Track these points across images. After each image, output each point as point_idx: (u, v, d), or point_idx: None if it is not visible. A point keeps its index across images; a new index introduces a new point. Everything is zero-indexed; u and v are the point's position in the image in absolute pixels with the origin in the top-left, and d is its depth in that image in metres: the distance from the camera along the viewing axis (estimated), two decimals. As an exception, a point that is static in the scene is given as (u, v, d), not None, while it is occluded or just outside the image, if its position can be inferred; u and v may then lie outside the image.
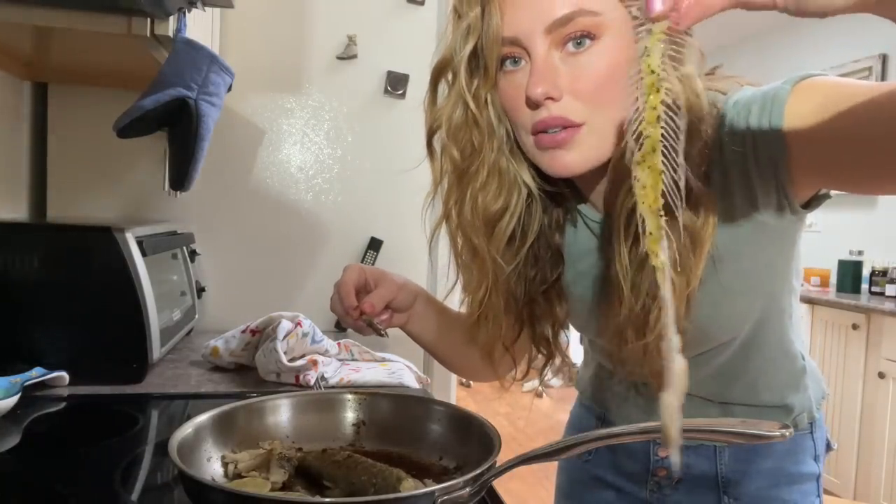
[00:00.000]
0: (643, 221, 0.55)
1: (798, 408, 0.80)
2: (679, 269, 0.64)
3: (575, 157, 0.66)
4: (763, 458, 0.81)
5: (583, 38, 0.63)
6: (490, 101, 0.71)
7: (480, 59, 0.68)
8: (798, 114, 0.60)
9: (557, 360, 0.84)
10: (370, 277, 0.84)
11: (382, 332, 0.82)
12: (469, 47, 0.68)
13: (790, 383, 0.81)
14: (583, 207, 0.76)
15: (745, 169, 0.64)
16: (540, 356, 0.85)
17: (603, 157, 0.67)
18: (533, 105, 0.66)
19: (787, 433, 0.48)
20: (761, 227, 0.67)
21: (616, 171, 0.67)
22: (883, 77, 3.56)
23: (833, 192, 0.66)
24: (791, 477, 0.82)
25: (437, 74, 0.73)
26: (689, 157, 0.61)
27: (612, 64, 0.63)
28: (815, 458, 0.84)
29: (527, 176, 0.74)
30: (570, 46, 0.64)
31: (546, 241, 0.77)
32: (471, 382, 4.64)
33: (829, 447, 0.86)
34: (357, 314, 0.79)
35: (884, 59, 3.57)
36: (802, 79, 0.61)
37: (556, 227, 0.78)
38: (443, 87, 0.73)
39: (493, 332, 0.79)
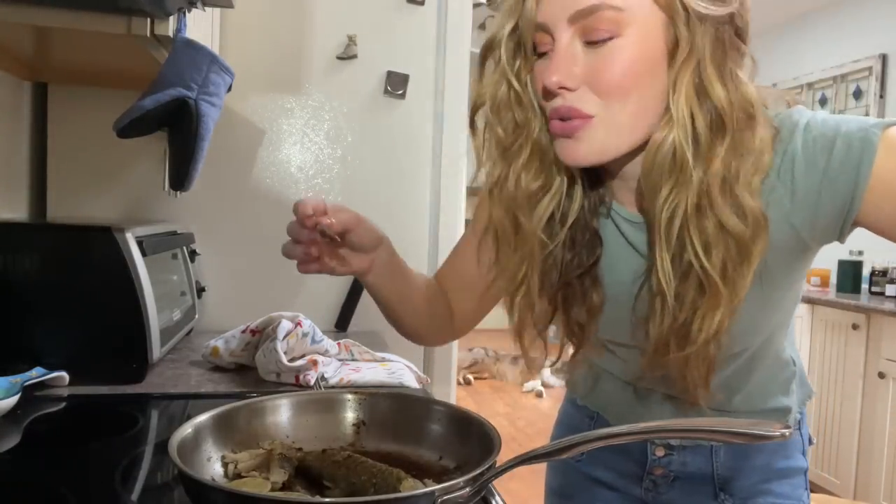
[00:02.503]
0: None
1: (788, 410, 0.83)
2: (726, 281, 0.64)
3: (584, 149, 0.66)
4: (756, 454, 0.83)
5: (605, 33, 0.63)
6: (531, 82, 0.71)
7: (521, 40, 0.69)
8: (887, 168, 0.60)
9: (586, 350, 0.81)
10: (330, 207, 0.76)
11: (336, 238, 0.73)
12: (509, 27, 0.69)
13: (783, 389, 0.83)
14: (616, 206, 0.75)
15: (814, 202, 0.64)
16: (570, 344, 0.82)
17: (614, 152, 0.67)
18: (548, 95, 0.66)
19: (787, 433, 0.49)
20: (804, 249, 0.69)
21: (650, 178, 0.66)
22: (883, 77, 3.56)
23: None
24: (782, 472, 0.85)
25: (486, 52, 0.73)
26: (741, 168, 0.62)
27: (632, 59, 0.63)
28: (803, 453, 0.87)
29: None
30: (594, 38, 0.64)
31: (585, 224, 0.76)
32: (471, 380, 4.64)
33: (810, 441, 0.90)
34: (312, 224, 0.72)
35: (884, 59, 3.56)
36: (889, 125, 0.61)
37: (594, 210, 0.77)
38: (490, 66, 0.73)
39: (524, 313, 0.78)
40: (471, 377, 4.71)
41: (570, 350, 0.81)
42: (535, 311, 0.77)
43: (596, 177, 0.75)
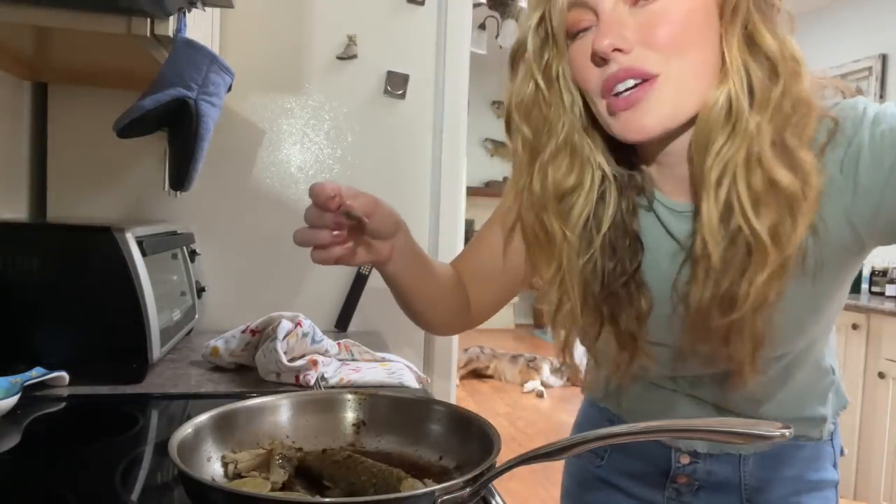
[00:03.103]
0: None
1: (824, 419, 0.80)
2: (776, 241, 0.61)
3: (652, 118, 0.62)
4: (787, 465, 0.80)
5: None
6: (561, 75, 0.68)
7: (549, 29, 0.66)
8: None
9: (639, 358, 0.75)
10: (346, 189, 0.67)
11: (363, 220, 0.66)
12: (536, 17, 0.67)
13: (820, 398, 0.80)
14: (660, 195, 0.72)
15: (877, 200, 0.61)
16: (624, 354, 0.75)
17: (684, 114, 0.63)
18: (601, 61, 0.62)
19: (787, 433, 0.48)
20: (860, 248, 0.66)
21: (701, 136, 0.63)
22: (883, 77, 3.56)
23: None
24: (812, 484, 0.81)
25: (515, 56, 0.71)
26: (792, 119, 0.60)
27: (687, 11, 0.60)
28: (834, 465, 0.83)
29: (601, 157, 0.70)
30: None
31: (623, 228, 0.72)
32: (485, 369, 4.63)
33: (841, 452, 0.86)
34: (336, 205, 0.64)
35: (884, 59, 3.57)
36: None
37: (632, 212, 0.72)
38: (521, 67, 0.71)
39: (568, 329, 0.74)
40: (489, 364, 4.68)
41: (623, 360, 0.75)
42: (579, 326, 0.73)
43: (631, 171, 0.71)
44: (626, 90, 0.62)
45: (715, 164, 0.61)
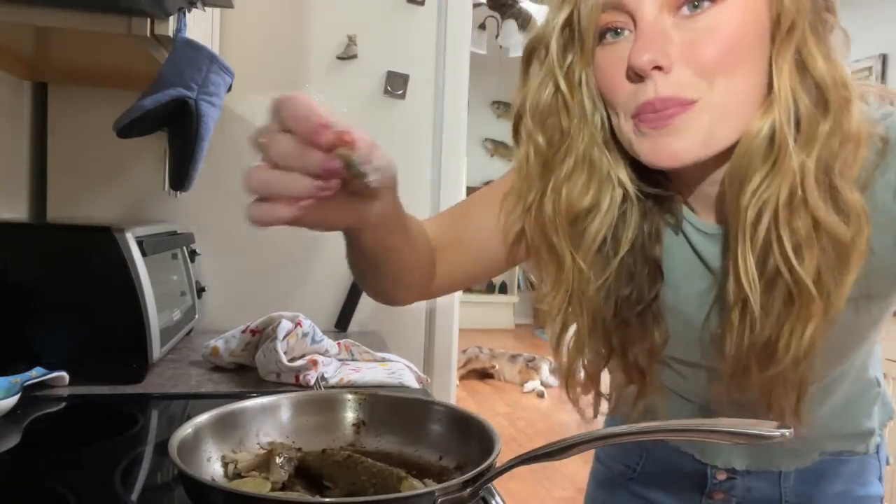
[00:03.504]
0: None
1: (870, 433, 0.77)
2: (820, 288, 0.54)
3: (685, 144, 0.55)
4: (830, 480, 0.76)
5: None
6: (585, 82, 0.61)
7: (576, 30, 0.59)
8: None
9: (648, 395, 0.69)
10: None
11: (368, 178, 0.46)
12: (564, 15, 0.60)
13: (865, 411, 0.76)
14: (689, 215, 0.65)
15: None
16: (632, 385, 0.70)
17: (721, 143, 0.56)
18: (636, 77, 0.55)
19: (788, 433, 0.46)
20: None
21: (737, 170, 0.56)
22: (883, 77, 3.56)
23: None
24: (858, 500, 0.77)
25: (530, 53, 0.64)
26: (840, 155, 0.54)
27: (738, 25, 0.54)
28: (880, 479, 0.80)
29: (623, 174, 0.63)
30: (686, 10, 0.54)
31: (643, 253, 0.65)
32: (487, 369, 4.63)
33: (886, 462, 0.82)
34: (330, 139, 0.45)
35: (884, 59, 3.57)
36: None
37: (654, 236, 0.66)
38: (535, 67, 0.64)
39: (572, 358, 0.68)
40: (494, 363, 4.67)
41: (630, 394, 0.70)
42: (585, 355, 0.68)
43: (656, 188, 0.64)
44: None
45: (752, 202, 0.55)
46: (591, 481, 0.94)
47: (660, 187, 0.64)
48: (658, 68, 0.54)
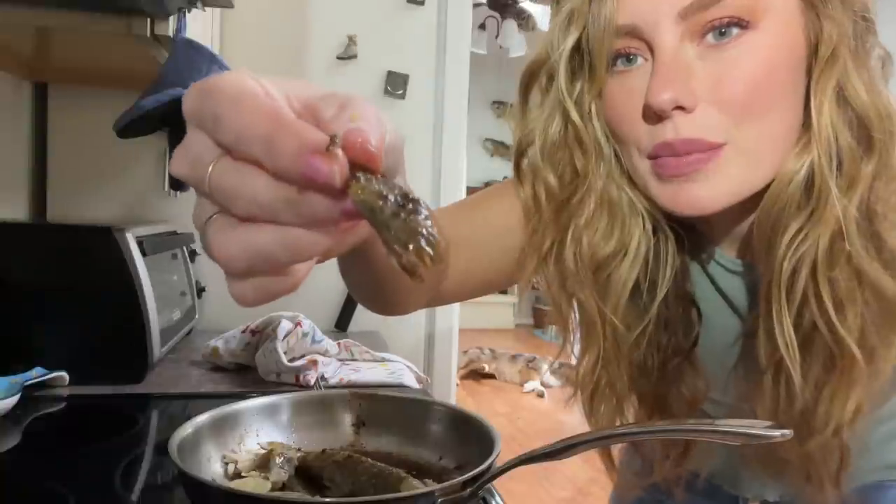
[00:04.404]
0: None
1: None
2: (865, 350, 0.48)
3: (709, 192, 0.49)
4: None
5: (731, 25, 0.47)
6: (596, 112, 0.55)
7: (586, 57, 0.53)
8: None
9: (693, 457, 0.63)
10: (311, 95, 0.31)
11: (427, 231, 0.26)
12: (571, 40, 0.53)
13: None
14: (718, 253, 0.59)
15: None
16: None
17: (751, 189, 0.50)
18: (654, 118, 0.49)
19: (788, 433, 0.45)
20: None
21: (769, 217, 0.50)
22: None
23: None
24: None
25: (529, 78, 0.58)
26: (887, 199, 0.48)
27: (771, 56, 0.47)
28: None
29: (649, 204, 0.55)
30: (711, 38, 0.47)
31: (676, 293, 0.58)
32: (483, 369, 4.63)
33: None
34: (342, 174, 0.25)
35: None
36: None
37: (685, 272, 0.59)
38: (535, 96, 0.58)
39: (612, 413, 0.60)
40: (486, 366, 4.67)
41: (672, 459, 0.63)
42: (624, 411, 0.60)
43: (685, 223, 0.57)
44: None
45: (788, 255, 0.49)
46: (616, 493, 0.86)
47: (686, 220, 0.57)
48: (680, 108, 0.47)
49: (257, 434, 0.69)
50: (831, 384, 0.50)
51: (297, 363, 1.08)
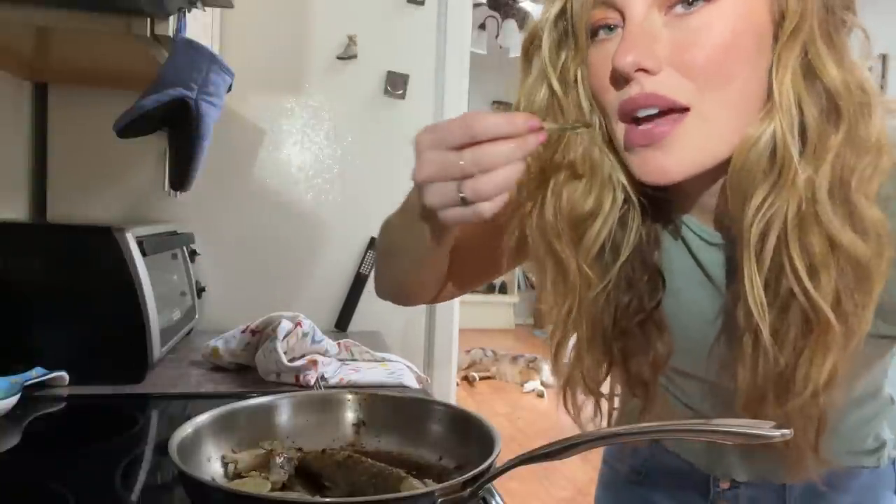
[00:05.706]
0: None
1: (882, 446, 0.74)
2: (839, 314, 0.50)
3: (674, 160, 0.52)
4: (840, 493, 0.72)
5: None
6: (580, 80, 0.58)
7: (570, 26, 0.56)
8: None
9: (653, 409, 0.65)
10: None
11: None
12: (556, 9, 0.57)
13: (875, 428, 0.73)
14: (689, 220, 0.61)
15: None
16: (635, 398, 0.66)
17: (712, 160, 0.52)
18: (621, 81, 0.52)
19: (788, 433, 0.45)
20: None
21: (737, 183, 0.52)
22: (883, 77, 3.56)
23: None
24: None
25: (528, 46, 0.61)
26: (857, 168, 0.49)
27: (734, 29, 0.49)
28: (895, 492, 0.76)
29: (623, 176, 0.58)
30: (679, 8, 0.50)
31: (642, 259, 0.61)
32: (476, 377, 4.63)
33: None
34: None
35: (884, 59, 3.57)
36: None
37: (654, 241, 0.62)
38: (535, 64, 0.61)
39: (572, 368, 0.64)
40: (476, 375, 4.68)
41: (637, 407, 0.66)
42: (584, 365, 0.64)
43: (656, 195, 0.60)
44: (648, 118, 0.52)
45: (756, 219, 0.51)
46: (598, 484, 0.93)
47: (658, 191, 0.60)
48: (643, 70, 0.50)
49: (257, 434, 0.69)
50: (809, 348, 0.52)
51: (297, 363, 1.08)
